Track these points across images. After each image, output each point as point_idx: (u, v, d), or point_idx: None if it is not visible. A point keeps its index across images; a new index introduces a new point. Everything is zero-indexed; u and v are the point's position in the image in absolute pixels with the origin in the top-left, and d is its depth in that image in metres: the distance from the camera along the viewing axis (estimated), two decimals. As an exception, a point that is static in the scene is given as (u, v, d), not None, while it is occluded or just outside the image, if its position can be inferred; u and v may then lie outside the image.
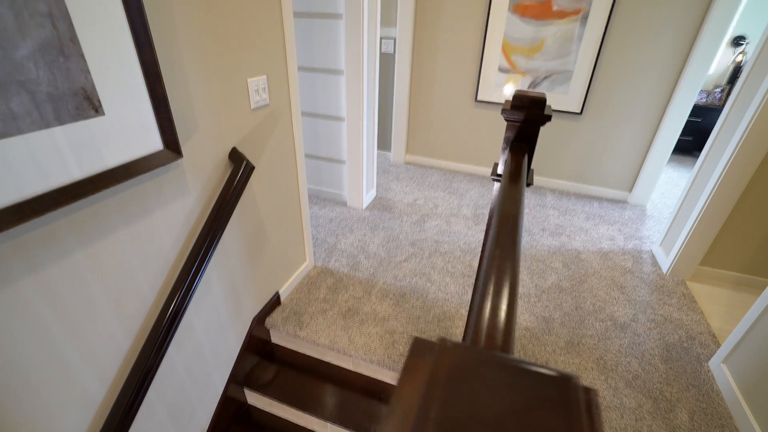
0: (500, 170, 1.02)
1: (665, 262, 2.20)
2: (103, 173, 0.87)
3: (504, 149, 0.96)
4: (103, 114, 0.86)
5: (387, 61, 3.24)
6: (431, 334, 1.69)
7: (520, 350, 1.63)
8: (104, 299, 0.97)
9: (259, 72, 1.35)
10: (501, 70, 2.86)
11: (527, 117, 0.90)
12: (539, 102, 0.88)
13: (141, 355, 1.09)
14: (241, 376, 1.63)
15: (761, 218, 1.94)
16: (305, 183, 1.81)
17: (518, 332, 1.73)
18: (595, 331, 1.75)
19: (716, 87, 3.84)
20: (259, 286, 1.64)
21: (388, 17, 3.07)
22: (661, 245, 2.32)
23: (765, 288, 2.04)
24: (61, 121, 0.78)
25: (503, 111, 0.91)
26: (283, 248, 1.77)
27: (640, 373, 1.55)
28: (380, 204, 2.84)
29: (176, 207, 1.12)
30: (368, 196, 2.82)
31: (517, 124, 0.92)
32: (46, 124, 0.76)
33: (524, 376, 0.20)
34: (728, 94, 3.81)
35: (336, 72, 2.35)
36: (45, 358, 0.87)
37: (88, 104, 0.83)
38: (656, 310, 1.90)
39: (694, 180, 2.17)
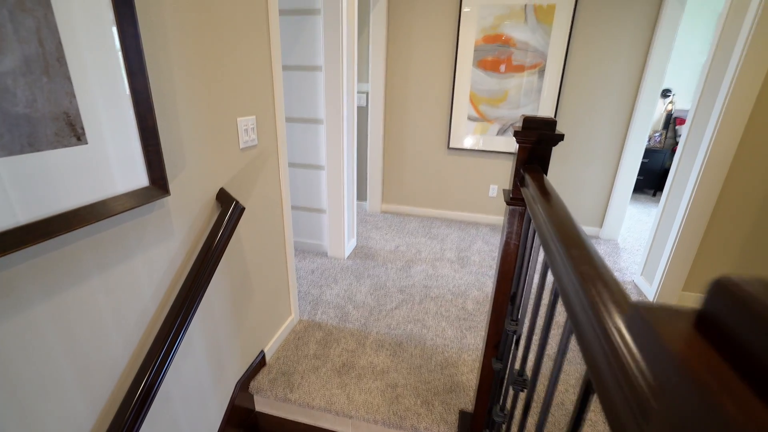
0: (511, 195, 1.00)
1: (650, 291, 2.24)
2: (80, 209, 0.75)
3: (517, 172, 0.95)
4: (86, 143, 0.76)
5: (360, 114, 3.35)
6: (436, 383, 1.55)
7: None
8: (67, 365, 0.79)
9: (249, 112, 1.31)
10: (470, 119, 3.02)
11: (540, 138, 0.90)
12: (551, 123, 0.89)
13: (107, 438, 0.88)
14: (221, 457, 1.37)
15: (730, 242, 2.06)
16: (291, 229, 1.71)
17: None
18: (603, 367, 1.68)
19: (654, 132, 4.29)
20: (243, 345, 1.45)
21: (360, 72, 3.22)
22: (642, 275, 2.38)
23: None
24: (36, 147, 0.68)
25: (516, 133, 0.92)
26: (269, 301, 1.61)
27: (658, 407, 1.47)
28: (362, 253, 2.75)
29: (159, 252, 0.98)
30: (349, 245, 2.73)
31: (529, 146, 0.92)
32: (18, 150, 0.65)
33: None
34: (666, 138, 4.26)
35: (315, 121, 2.37)
36: (-17, 449, 0.67)
37: (70, 131, 0.73)
38: (654, 340, 1.88)
39: (662, 213, 2.30)
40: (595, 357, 0.33)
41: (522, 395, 1.39)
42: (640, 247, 3.02)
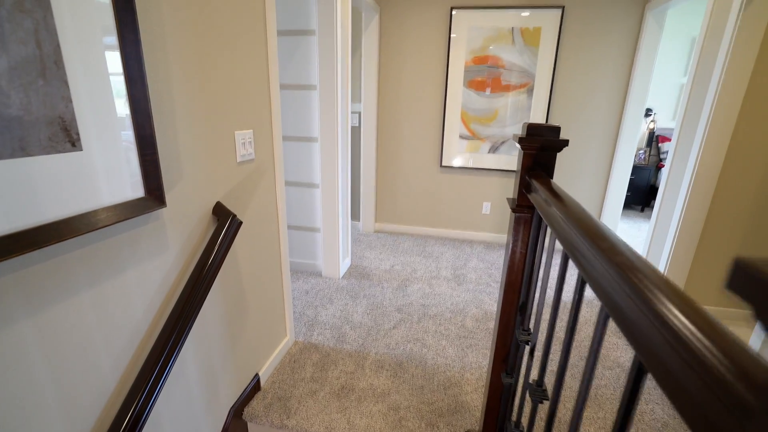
0: (516, 202, 0.99)
1: (648, 305, 2.23)
2: (71, 218, 0.71)
3: (523, 179, 0.94)
4: (81, 149, 0.73)
5: (353, 134, 3.37)
6: (440, 404, 1.48)
7: (540, 410, 1.46)
8: (50, 387, 0.72)
9: (246, 126, 1.30)
10: (462, 137, 3.07)
11: (544, 145, 0.90)
12: (554, 129, 0.89)
13: (90, 471, 0.80)
14: (213, 492, 1.27)
15: (724, 252, 2.08)
16: (287, 246, 1.67)
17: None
18: (608, 380, 1.64)
19: (639, 149, 4.42)
20: (237, 368, 1.38)
21: (352, 93, 3.26)
22: (639, 289, 2.38)
23: (746, 319, 2.12)
24: (27, 151, 0.64)
25: (520, 140, 0.91)
26: (264, 321, 1.55)
27: (668, 420, 1.43)
28: (357, 272, 2.70)
29: (153, 266, 0.94)
30: (344, 265, 2.68)
31: (534, 152, 0.92)
32: (9, 154, 0.62)
33: None
34: (650, 155, 4.38)
35: (309, 139, 2.37)
36: (-49, 485, 0.59)
37: (65, 136, 0.70)
38: (657, 353, 1.85)
39: (654, 227, 2.33)
40: (650, 344, 0.31)
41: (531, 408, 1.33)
42: (634, 261, 3.04)
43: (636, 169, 4.28)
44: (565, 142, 0.89)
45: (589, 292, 2.47)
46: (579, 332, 2.02)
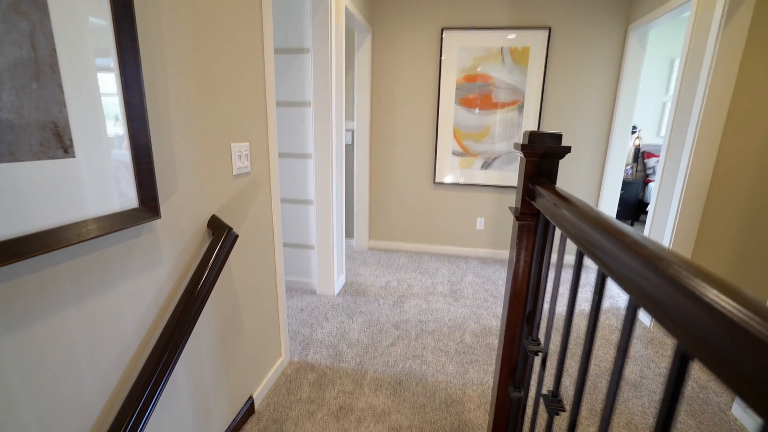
0: (520, 210, 0.98)
1: (645, 317, 2.22)
2: (60, 228, 0.68)
3: (526, 187, 0.94)
4: (73, 156, 0.70)
5: (346, 152, 3.37)
6: (443, 423, 1.42)
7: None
8: (31, 411, 0.67)
9: (243, 138, 1.28)
10: (455, 153, 3.10)
11: (546, 152, 0.90)
12: (556, 136, 0.89)
13: (72, 505, 0.74)
14: None
15: (719, 260, 2.10)
16: (282, 262, 1.63)
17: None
18: (613, 396, 1.61)
19: (626, 165, 4.53)
20: (230, 389, 1.31)
21: (345, 111, 3.29)
22: (636, 301, 2.37)
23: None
24: (17, 156, 0.61)
25: (522, 147, 0.91)
26: (259, 340, 1.49)
27: (677, 437, 1.40)
28: (352, 289, 2.65)
29: (145, 280, 0.89)
30: (339, 282, 2.62)
31: (536, 159, 0.92)
32: (-2, 159, 0.59)
33: None
34: (636, 170, 4.48)
35: (303, 156, 2.36)
36: None
37: (57, 142, 0.67)
38: (658, 364, 1.83)
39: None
40: (695, 330, 0.29)
41: (546, 421, 1.29)
42: (628, 274, 3.05)
43: (624, 184, 4.36)
44: (567, 149, 0.89)
45: (583, 306, 2.45)
46: (579, 346, 1.99)
